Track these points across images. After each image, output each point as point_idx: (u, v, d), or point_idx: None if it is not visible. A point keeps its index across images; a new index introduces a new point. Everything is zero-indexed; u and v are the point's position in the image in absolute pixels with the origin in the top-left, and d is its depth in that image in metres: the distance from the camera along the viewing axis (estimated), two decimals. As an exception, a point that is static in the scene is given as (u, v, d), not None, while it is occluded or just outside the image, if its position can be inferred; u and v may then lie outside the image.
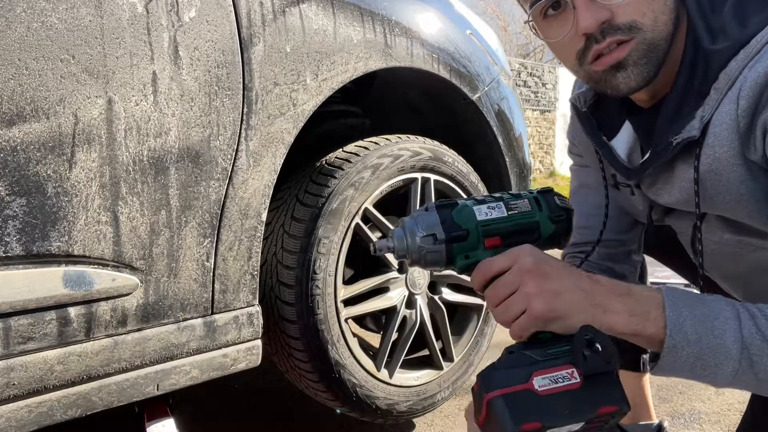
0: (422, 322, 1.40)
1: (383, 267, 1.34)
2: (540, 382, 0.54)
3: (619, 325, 0.61)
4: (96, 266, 0.91)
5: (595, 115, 0.86)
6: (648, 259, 1.17)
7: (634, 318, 0.61)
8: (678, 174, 0.75)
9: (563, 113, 9.37)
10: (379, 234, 1.34)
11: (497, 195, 0.68)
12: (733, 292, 0.88)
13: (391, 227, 1.33)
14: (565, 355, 0.57)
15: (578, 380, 0.55)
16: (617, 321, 0.61)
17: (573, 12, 0.68)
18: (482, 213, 0.65)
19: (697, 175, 0.71)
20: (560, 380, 0.54)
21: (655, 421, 1.29)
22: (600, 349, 0.54)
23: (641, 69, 0.69)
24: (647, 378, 1.29)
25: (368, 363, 1.30)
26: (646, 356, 1.27)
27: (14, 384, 0.84)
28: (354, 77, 1.21)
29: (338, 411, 1.33)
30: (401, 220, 0.69)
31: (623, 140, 0.84)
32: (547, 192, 0.70)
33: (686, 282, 1.30)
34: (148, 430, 1.04)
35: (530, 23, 0.75)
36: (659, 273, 2.18)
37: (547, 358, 0.56)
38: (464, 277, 1.51)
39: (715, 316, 0.60)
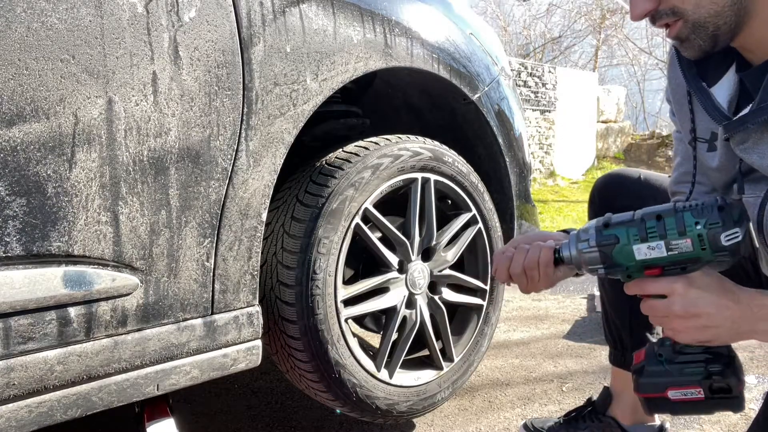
0: (422, 322, 1.40)
1: (383, 267, 1.34)
2: (673, 394, 0.73)
3: (762, 340, 0.71)
4: (96, 266, 0.91)
5: (697, 61, 0.86)
6: None
7: None
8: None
9: (563, 112, 9.37)
10: (379, 234, 1.34)
11: (661, 227, 0.69)
12: None
13: (391, 227, 1.33)
14: (698, 374, 0.72)
15: (703, 396, 0.72)
16: (761, 338, 0.70)
17: None
18: (641, 253, 0.70)
19: None
20: (689, 394, 0.72)
21: (657, 422, 1.29)
22: (724, 382, 0.70)
23: (693, 44, 0.77)
24: None
25: (368, 363, 1.30)
26: None
27: (14, 384, 0.84)
28: (354, 77, 1.21)
29: (338, 411, 1.33)
30: (591, 229, 0.77)
31: (724, 91, 0.83)
32: (720, 225, 0.67)
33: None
34: (148, 430, 1.04)
35: None
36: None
37: (686, 376, 0.72)
38: (465, 277, 1.51)
39: None
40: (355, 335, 1.30)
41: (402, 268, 1.36)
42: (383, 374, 1.32)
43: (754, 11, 0.74)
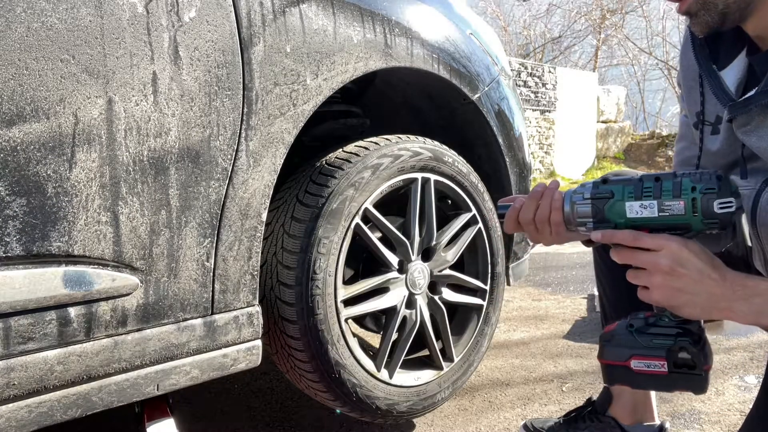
0: (422, 322, 1.40)
1: (383, 267, 1.34)
2: (636, 364, 0.72)
3: (738, 320, 0.69)
4: (96, 266, 0.91)
5: (710, 44, 0.87)
6: None
7: (750, 317, 0.68)
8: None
9: (562, 113, 9.37)
10: (379, 234, 1.34)
11: (657, 188, 0.69)
12: None
13: (391, 227, 1.33)
14: (663, 348, 0.71)
15: (666, 371, 0.71)
16: (736, 318, 0.69)
17: None
18: (633, 210, 0.70)
19: None
20: (652, 366, 0.71)
21: (657, 422, 1.29)
22: (691, 358, 0.69)
23: (701, 20, 0.78)
24: None
25: (368, 363, 1.30)
26: None
27: (14, 384, 0.84)
28: (354, 77, 1.21)
29: (338, 411, 1.33)
30: (589, 184, 0.76)
31: (734, 74, 0.84)
32: (715, 192, 0.68)
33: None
34: (148, 430, 1.04)
35: None
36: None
37: (649, 347, 0.71)
38: (465, 277, 1.51)
39: None
40: (355, 335, 1.30)
41: (402, 268, 1.36)
42: (383, 374, 1.32)
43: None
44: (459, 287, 1.52)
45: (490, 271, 1.57)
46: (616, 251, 0.74)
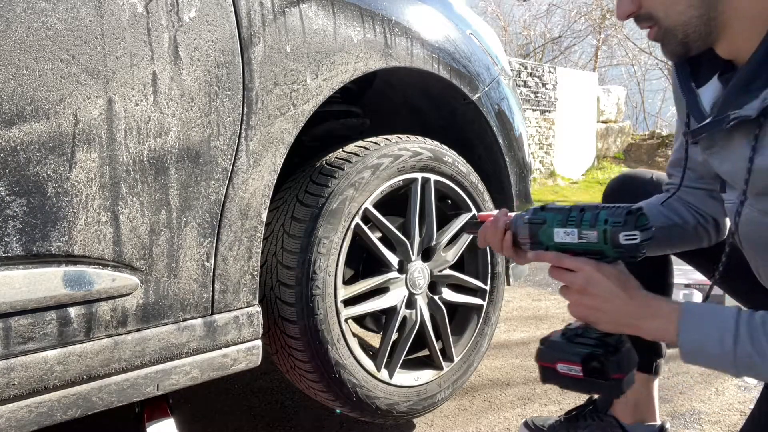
0: (422, 322, 1.40)
1: (383, 267, 1.34)
2: (561, 367, 0.82)
3: (644, 336, 0.78)
4: (96, 266, 0.91)
5: (692, 60, 0.89)
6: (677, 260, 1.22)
7: (655, 333, 0.77)
8: (734, 148, 0.79)
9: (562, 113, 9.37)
10: (379, 234, 1.34)
11: (579, 218, 0.80)
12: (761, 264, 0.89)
13: (391, 227, 1.33)
14: (580, 355, 0.80)
15: (581, 375, 0.80)
16: (641, 333, 0.78)
17: None
18: (559, 236, 0.82)
19: (753, 155, 0.75)
20: (572, 371, 0.81)
21: (658, 421, 1.29)
22: (601, 367, 0.78)
23: (667, 48, 0.83)
24: (657, 381, 1.30)
25: (368, 363, 1.30)
26: (660, 360, 1.28)
27: (14, 384, 0.84)
28: (354, 77, 1.21)
29: (338, 411, 1.33)
30: (530, 209, 0.88)
31: (710, 93, 0.86)
32: (621, 225, 0.76)
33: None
34: (148, 430, 1.04)
35: None
36: (691, 275, 2.23)
37: (573, 353, 0.81)
38: (465, 277, 1.51)
39: (719, 330, 0.71)
40: (355, 335, 1.30)
41: (402, 268, 1.36)
42: (383, 374, 1.32)
43: (728, 23, 0.77)
44: (459, 287, 1.52)
45: (490, 271, 1.56)
46: (550, 269, 0.84)
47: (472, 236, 1.50)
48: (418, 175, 1.37)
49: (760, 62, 0.75)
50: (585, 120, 10.07)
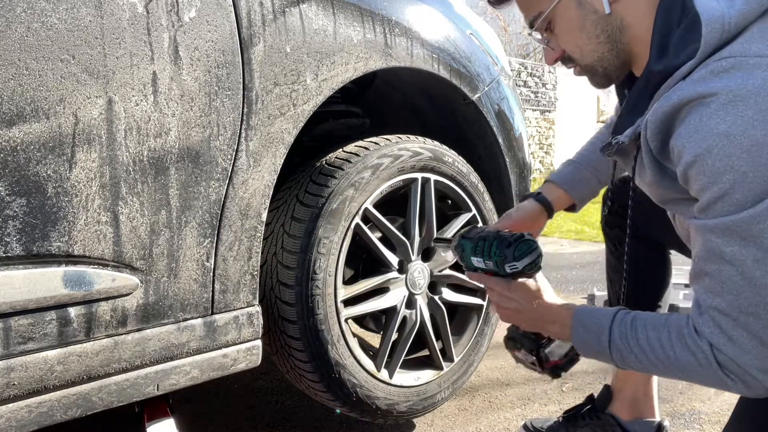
0: (422, 323, 1.40)
1: (383, 267, 1.34)
2: (516, 354, 1.04)
3: (555, 336, 0.96)
4: (96, 266, 0.91)
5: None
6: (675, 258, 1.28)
7: (557, 335, 0.94)
8: (627, 163, 0.89)
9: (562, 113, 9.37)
10: (379, 234, 1.34)
11: (482, 249, 0.95)
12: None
13: (391, 227, 1.33)
14: (525, 344, 1.01)
15: (533, 359, 1.01)
16: (549, 334, 0.96)
17: None
18: (475, 262, 0.97)
19: (633, 176, 0.86)
20: (527, 358, 1.01)
21: (657, 419, 1.29)
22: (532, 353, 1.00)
23: (593, 80, 0.92)
24: (656, 379, 1.30)
25: (368, 363, 1.30)
26: None
27: (14, 384, 0.84)
28: (354, 77, 1.21)
29: (338, 411, 1.33)
30: (458, 237, 1.02)
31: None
32: (503, 259, 0.92)
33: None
34: (148, 430, 1.04)
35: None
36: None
37: (520, 340, 1.02)
38: (465, 277, 1.51)
39: (598, 330, 0.85)
40: (355, 335, 1.30)
41: (402, 268, 1.36)
42: (383, 374, 1.32)
43: (632, 50, 0.84)
44: (459, 287, 1.52)
45: (490, 271, 1.56)
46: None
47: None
48: (418, 175, 1.37)
49: (640, 89, 0.82)
50: (585, 120, 10.07)
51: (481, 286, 1.02)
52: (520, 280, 0.94)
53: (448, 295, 1.47)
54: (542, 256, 0.94)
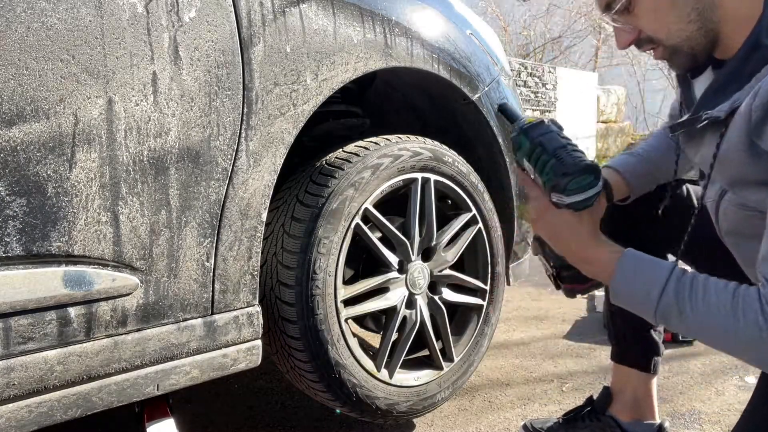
0: (422, 323, 1.40)
1: (383, 267, 1.34)
2: (541, 259, 1.02)
3: (584, 272, 0.89)
4: (96, 266, 0.91)
5: None
6: None
7: (591, 275, 0.88)
8: (705, 143, 0.86)
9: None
10: (379, 234, 1.34)
11: (536, 157, 0.85)
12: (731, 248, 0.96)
13: (391, 227, 1.33)
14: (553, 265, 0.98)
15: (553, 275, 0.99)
16: (581, 270, 0.89)
17: None
18: (524, 164, 0.88)
19: (717, 152, 0.81)
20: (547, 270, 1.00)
21: (657, 420, 1.29)
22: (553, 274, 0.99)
23: (674, 63, 0.88)
24: (655, 380, 1.30)
25: (368, 363, 1.30)
26: (658, 358, 1.28)
27: (14, 384, 0.84)
28: (354, 77, 1.21)
29: (338, 411, 1.33)
30: (518, 127, 0.91)
31: (702, 85, 0.90)
32: (551, 186, 0.84)
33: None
34: (148, 430, 1.04)
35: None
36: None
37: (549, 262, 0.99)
38: (465, 277, 1.51)
39: (650, 282, 0.79)
40: (355, 335, 1.30)
41: (402, 268, 1.36)
42: (383, 374, 1.32)
43: (722, 30, 0.82)
44: (459, 287, 1.52)
45: (490, 271, 1.56)
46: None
47: (472, 238, 1.50)
48: (418, 175, 1.36)
49: (737, 66, 0.80)
50: (585, 120, 10.07)
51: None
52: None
53: (448, 295, 1.47)
54: (599, 195, 0.84)
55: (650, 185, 1.17)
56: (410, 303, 1.38)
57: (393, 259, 1.34)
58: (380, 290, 1.33)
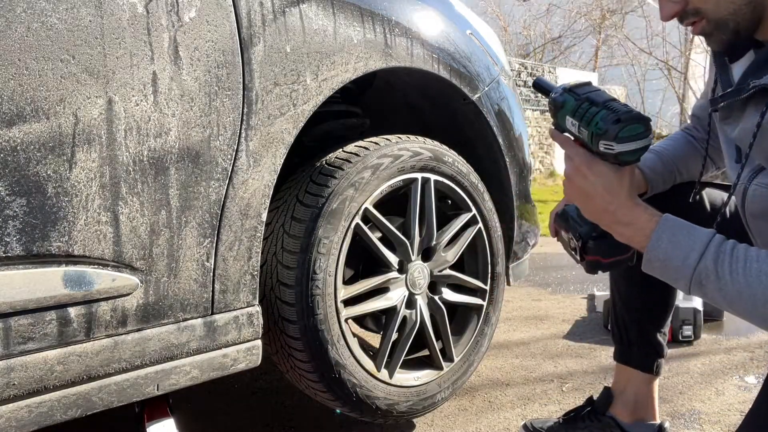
0: (422, 322, 1.40)
1: (383, 267, 1.34)
2: (563, 235, 1.05)
3: (616, 237, 0.85)
4: (96, 266, 0.91)
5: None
6: None
7: (624, 239, 0.84)
8: (746, 116, 0.85)
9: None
10: (379, 234, 1.34)
11: (584, 112, 0.83)
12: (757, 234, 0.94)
13: (391, 227, 1.33)
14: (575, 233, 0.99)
15: (576, 246, 0.99)
16: (614, 234, 0.85)
17: None
18: (568, 123, 0.85)
19: (761, 121, 0.79)
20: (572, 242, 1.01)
21: (657, 420, 1.29)
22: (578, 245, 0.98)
23: (715, 38, 0.86)
24: (657, 382, 1.30)
25: (368, 363, 1.30)
26: (661, 360, 1.28)
27: (14, 384, 0.84)
28: (354, 77, 1.21)
29: (338, 411, 1.33)
30: (562, 88, 0.90)
31: (741, 68, 0.89)
32: (602, 134, 0.80)
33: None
34: (148, 430, 1.04)
35: None
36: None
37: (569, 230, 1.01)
38: (465, 277, 1.51)
39: (689, 246, 0.77)
40: (355, 335, 1.30)
41: (402, 268, 1.36)
42: (383, 374, 1.32)
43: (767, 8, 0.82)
44: (459, 287, 1.52)
45: (490, 271, 1.57)
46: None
47: (472, 238, 1.50)
48: (418, 175, 1.36)
49: None
50: (585, 120, 10.06)
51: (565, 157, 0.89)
52: (608, 163, 0.82)
53: (448, 295, 1.47)
54: (648, 149, 0.81)
55: (667, 184, 1.17)
56: (410, 303, 1.38)
57: (393, 259, 1.34)
58: (380, 290, 1.33)
